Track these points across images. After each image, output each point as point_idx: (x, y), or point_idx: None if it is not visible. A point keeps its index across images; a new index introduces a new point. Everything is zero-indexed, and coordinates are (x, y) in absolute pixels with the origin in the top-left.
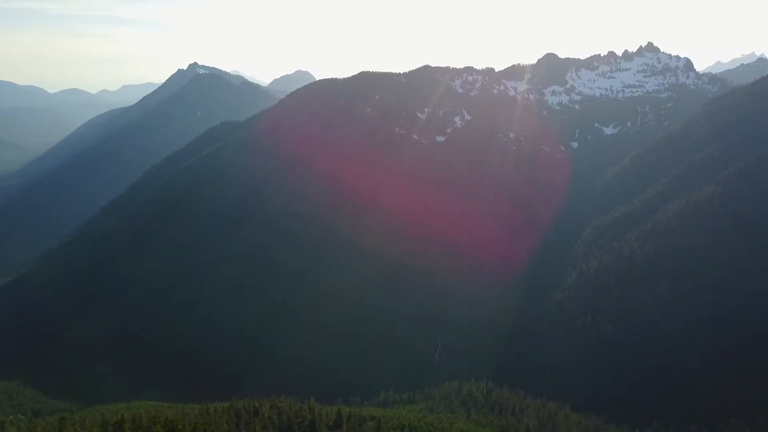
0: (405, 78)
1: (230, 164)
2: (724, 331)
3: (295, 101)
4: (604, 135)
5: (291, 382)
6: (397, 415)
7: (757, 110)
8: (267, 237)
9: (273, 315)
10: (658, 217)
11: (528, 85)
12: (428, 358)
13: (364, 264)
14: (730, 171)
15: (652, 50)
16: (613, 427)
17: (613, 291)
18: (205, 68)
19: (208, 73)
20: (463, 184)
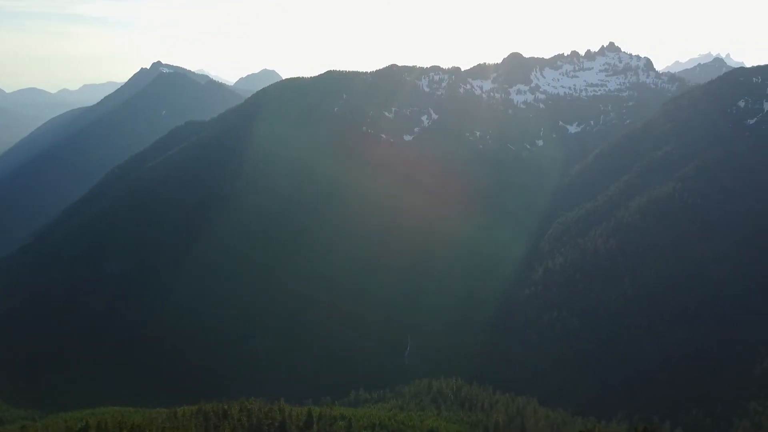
0: (372, 77)
1: (196, 164)
2: (685, 325)
3: (261, 100)
4: (569, 133)
5: (261, 383)
6: (368, 414)
7: (712, 109)
8: (235, 237)
9: (242, 316)
10: (620, 214)
11: (493, 84)
12: (398, 356)
13: (334, 263)
14: (689, 168)
15: (613, 50)
16: (579, 420)
17: (578, 286)
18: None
19: (172, 72)
20: (431, 182)
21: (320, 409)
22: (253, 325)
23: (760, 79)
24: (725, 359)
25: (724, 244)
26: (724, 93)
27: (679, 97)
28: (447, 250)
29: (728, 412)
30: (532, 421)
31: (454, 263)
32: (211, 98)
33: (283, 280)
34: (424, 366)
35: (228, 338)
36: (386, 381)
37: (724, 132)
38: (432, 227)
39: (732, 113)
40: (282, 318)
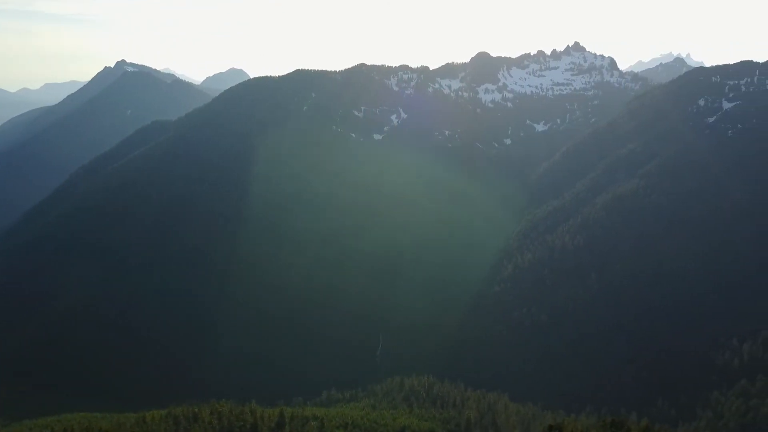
0: (340, 76)
1: (163, 165)
2: (650, 319)
3: (229, 99)
4: (536, 132)
5: (232, 385)
6: (340, 413)
7: (674, 108)
8: (203, 237)
9: (209, 318)
10: (587, 211)
11: (462, 83)
12: (370, 355)
13: (303, 263)
14: (651, 166)
15: (578, 50)
16: (549, 414)
17: (546, 283)
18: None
19: (137, 70)
20: (401, 181)
21: (292, 410)
22: (223, 327)
23: (719, 79)
24: (688, 352)
25: (685, 240)
26: (685, 92)
27: (642, 96)
28: (417, 249)
29: (692, 402)
30: (503, 416)
31: (425, 261)
32: (178, 97)
33: (252, 280)
34: (396, 364)
35: (198, 340)
36: (358, 380)
37: (685, 130)
38: (402, 226)
39: (692, 112)
40: (252, 319)
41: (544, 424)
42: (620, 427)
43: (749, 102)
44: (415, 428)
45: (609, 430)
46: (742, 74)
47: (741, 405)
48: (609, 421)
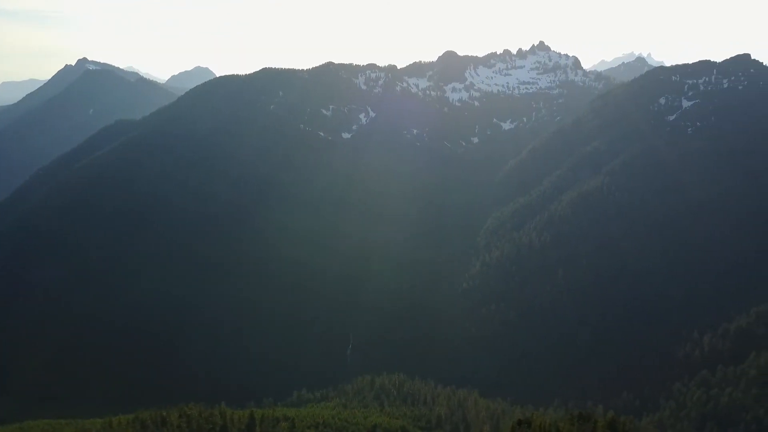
0: (308, 74)
1: (128, 165)
2: (614, 312)
3: (195, 98)
4: (503, 130)
5: (200, 388)
6: (311, 413)
7: (636, 106)
8: (169, 239)
9: (177, 319)
10: (553, 207)
11: (429, 82)
12: (341, 354)
13: (272, 263)
14: (615, 163)
15: (543, 49)
16: (518, 409)
17: (514, 278)
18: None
19: (100, 69)
20: (370, 180)
21: (262, 411)
22: (191, 329)
23: (678, 78)
24: (651, 345)
25: (648, 237)
26: (647, 91)
27: (605, 95)
28: (387, 247)
29: (655, 394)
30: (473, 412)
31: (394, 260)
32: (142, 96)
33: (219, 280)
34: (366, 363)
35: (166, 342)
36: (329, 380)
37: (647, 128)
38: (372, 224)
39: (654, 110)
40: (220, 320)
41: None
42: (587, 420)
43: (707, 100)
44: (387, 426)
45: (576, 423)
46: (700, 73)
47: (702, 395)
48: (576, 414)
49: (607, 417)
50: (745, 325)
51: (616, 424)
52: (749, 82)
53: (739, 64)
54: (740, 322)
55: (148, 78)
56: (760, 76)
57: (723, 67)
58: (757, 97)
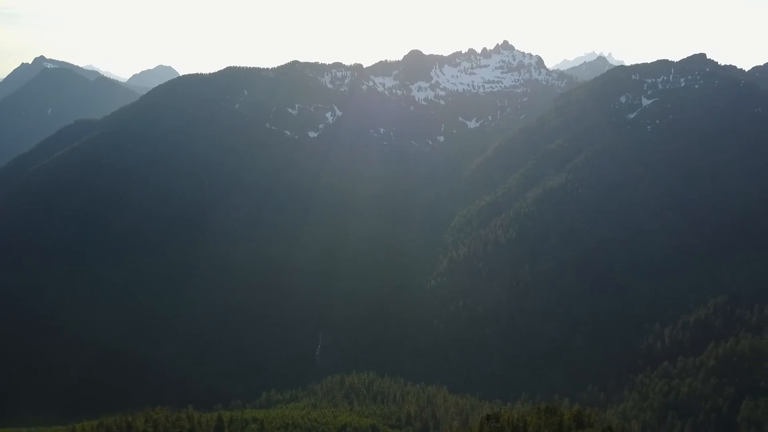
0: (273, 73)
1: (88, 165)
2: (579, 306)
3: (157, 97)
4: (468, 129)
5: (167, 391)
6: (281, 414)
7: (598, 105)
8: (131, 240)
9: (142, 321)
10: (518, 205)
11: (395, 81)
12: (310, 354)
13: (237, 263)
14: (578, 160)
15: (507, 48)
16: (487, 404)
17: (481, 275)
18: (54, 62)
19: (58, 67)
20: (338, 178)
21: (231, 414)
22: (156, 331)
23: (638, 77)
24: (614, 337)
25: (610, 231)
26: (608, 90)
27: (568, 94)
28: (355, 246)
29: (620, 386)
30: (443, 408)
31: (362, 258)
32: (103, 95)
33: (185, 282)
34: (336, 362)
35: (129, 346)
36: (298, 380)
37: (609, 126)
38: (340, 223)
39: (615, 109)
40: (186, 321)
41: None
42: (553, 412)
43: (666, 99)
44: (356, 425)
45: (543, 416)
46: (659, 72)
47: (664, 385)
48: (543, 407)
49: (573, 410)
50: (704, 317)
51: (582, 416)
52: (705, 81)
53: (695, 64)
54: (699, 314)
55: (109, 77)
56: (715, 75)
57: (680, 67)
58: (713, 95)
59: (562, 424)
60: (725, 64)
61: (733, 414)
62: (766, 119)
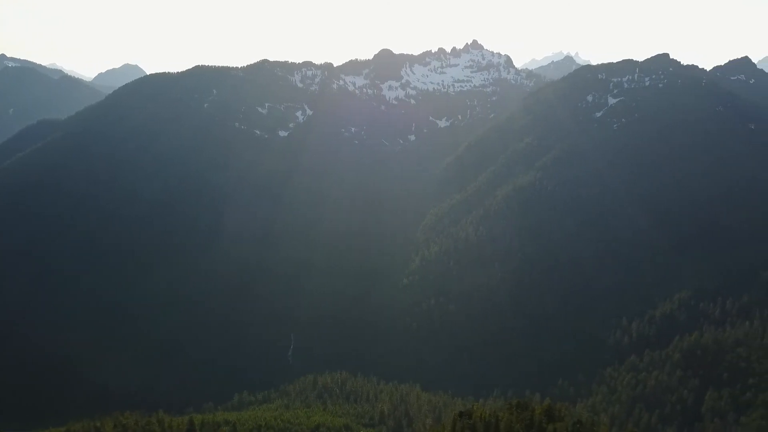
0: (243, 72)
1: (52, 166)
2: (548, 301)
3: (124, 97)
4: (439, 128)
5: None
6: (253, 416)
7: (565, 103)
8: (98, 241)
9: (109, 323)
10: (488, 202)
11: (366, 80)
12: (282, 355)
13: (208, 265)
14: (547, 158)
15: (477, 48)
16: (459, 401)
17: (453, 272)
18: (16, 61)
19: (19, 66)
20: (309, 178)
21: (202, 416)
22: (125, 335)
23: (604, 76)
24: (583, 332)
25: (577, 228)
26: (575, 89)
27: (536, 93)
28: (327, 245)
29: (589, 380)
30: (416, 406)
31: (335, 258)
32: (67, 95)
33: (154, 284)
34: (308, 363)
35: (97, 349)
36: (271, 381)
37: (576, 124)
38: (311, 223)
39: (582, 107)
40: (155, 324)
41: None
42: (525, 408)
43: (631, 97)
44: (330, 425)
45: (515, 411)
46: (624, 72)
47: (631, 379)
48: (515, 403)
49: (544, 405)
50: (669, 311)
51: (552, 411)
52: (668, 81)
53: (659, 63)
54: (664, 308)
55: (73, 76)
56: (678, 75)
57: (644, 66)
58: (676, 94)
59: (534, 419)
60: (687, 64)
61: (697, 405)
62: (727, 118)
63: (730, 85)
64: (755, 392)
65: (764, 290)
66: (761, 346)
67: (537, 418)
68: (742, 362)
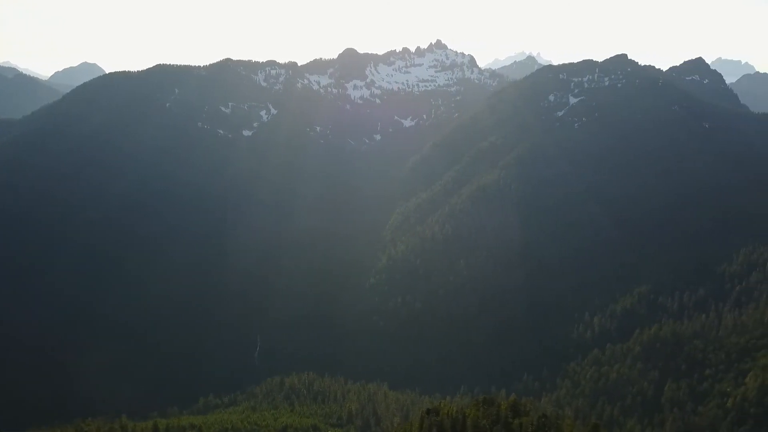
0: (205, 71)
1: (10, 166)
2: (513, 298)
3: (82, 96)
4: (404, 127)
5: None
6: (219, 419)
7: (528, 103)
8: (56, 245)
9: (70, 327)
10: (453, 201)
11: (331, 79)
12: (249, 357)
13: (170, 266)
14: (510, 157)
15: (440, 47)
16: (427, 398)
17: (419, 271)
18: None
19: None
20: (274, 177)
21: (167, 421)
22: (86, 336)
23: (565, 76)
24: (547, 328)
25: (540, 225)
26: (537, 88)
27: (499, 93)
28: (293, 245)
29: (553, 374)
30: (384, 405)
31: (301, 258)
32: (22, 94)
33: (115, 284)
34: (275, 364)
35: (57, 353)
36: (237, 383)
37: (538, 123)
38: (277, 223)
39: (544, 107)
40: (117, 326)
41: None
42: (491, 404)
43: (591, 97)
44: (297, 426)
45: (481, 407)
46: (584, 72)
47: (594, 372)
48: (481, 399)
49: (510, 400)
50: (629, 305)
51: (518, 405)
52: (627, 81)
53: (618, 64)
54: (625, 302)
55: (29, 74)
56: (636, 75)
57: (604, 66)
58: (634, 94)
59: (500, 415)
60: (645, 64)
61: (657, 396)
62: (682, 117)
63: (685, 85)
64: (711, 382)
65: (719, 284)
66: (716, 338)
67: (503, 414)
68: (699, 353)
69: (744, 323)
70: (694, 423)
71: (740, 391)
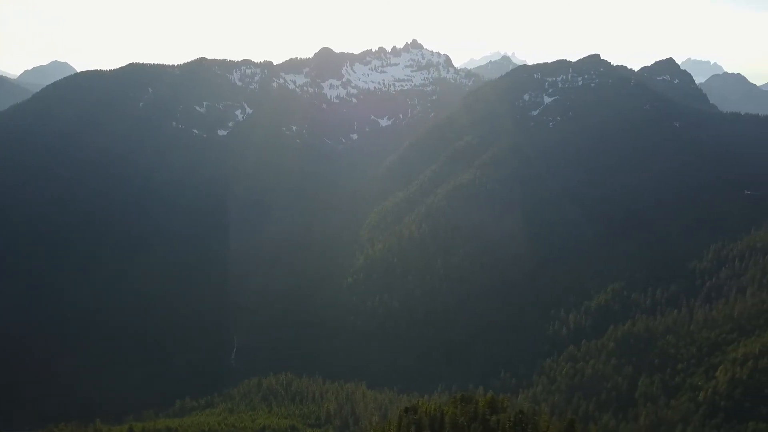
0: (179, 70)
1: None
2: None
3: (53, 95)
4: (380, 126)
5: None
6: (196, 421)
7: (503, 102)
8: (26, 247)
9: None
10: (430, 200)
11: (306, 78)
12: (225, 358)
13: (145, 267)
14: (486, 156)
15: (416, 47)
16: (405, 397)
17: (396, 270)
18: None
19: None
20: (250, 177)
21: (143, 424)
22: (58, 339)
23: (540, 76)
24: (523, 325)
25: (516, 223)
26: (512, 88)
27: (475, 92)
28: (270, 246)
29: (529, 371)
30: (362, 404)
31: (278, 258)
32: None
33: (88, 286)
34: (252, 365)
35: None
36: (214, 385)
37: (513, 123)
38: (254, 223)
39: (519, 106)
40: (91, 328)
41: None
42: (469, 401)
43: (565, 96)
44: (275, 427)
45: (459, 405)
46: (558, 72)
47: (570, 368)
48: (459, 397)
49: (487, 397)
50: (604, 302)
51: (496, 402)
52: (600, 80)
53: (591, 64)
54: (599, 299)
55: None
56: (608, 75)
57: (577, 66)
58: (607, 93)
59: (477, 412)
60: (617, 65)
61: (631, 391)
62: (654, 116)
63: (656, 85)
64: (683, 377)
65: (690, 280)
66: (688, 333)
67: (480, 411)
68: (671, 348)
69: (714, 318)
70: (666, 417)
71: (711, 384)
